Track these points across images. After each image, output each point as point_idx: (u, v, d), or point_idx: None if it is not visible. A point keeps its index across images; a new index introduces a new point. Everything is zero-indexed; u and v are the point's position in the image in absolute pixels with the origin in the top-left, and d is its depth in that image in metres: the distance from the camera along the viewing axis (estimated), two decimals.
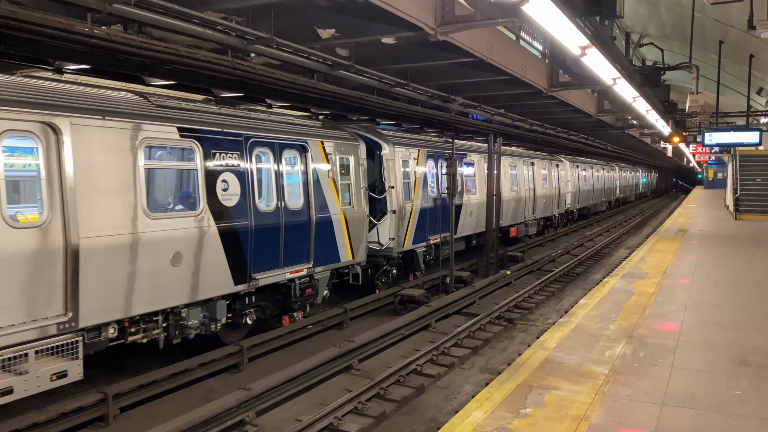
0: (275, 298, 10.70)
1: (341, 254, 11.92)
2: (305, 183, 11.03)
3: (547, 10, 6.73)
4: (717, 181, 55.95)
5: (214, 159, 9.06)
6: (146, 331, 8.21)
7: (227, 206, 9.20)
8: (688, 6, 19.06)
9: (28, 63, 8.00)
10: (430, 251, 16.04)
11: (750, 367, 7.24)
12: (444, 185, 15.89)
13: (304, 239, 10.90)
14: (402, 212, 14.24)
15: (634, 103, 15.38)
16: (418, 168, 15.22)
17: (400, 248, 14.40)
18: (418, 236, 15.18)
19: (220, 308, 9.16)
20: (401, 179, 14.35)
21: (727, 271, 13.87)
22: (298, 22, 8.54)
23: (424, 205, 15.38)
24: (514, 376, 6.87)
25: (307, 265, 10.92)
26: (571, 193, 31.06)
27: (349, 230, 12.01)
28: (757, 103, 32.20)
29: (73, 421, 7.25)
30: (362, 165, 12.77)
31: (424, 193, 15.47)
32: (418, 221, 15.01)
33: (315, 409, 7.81)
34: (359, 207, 12.53)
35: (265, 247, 9.89)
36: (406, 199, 14.53)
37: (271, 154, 10.29)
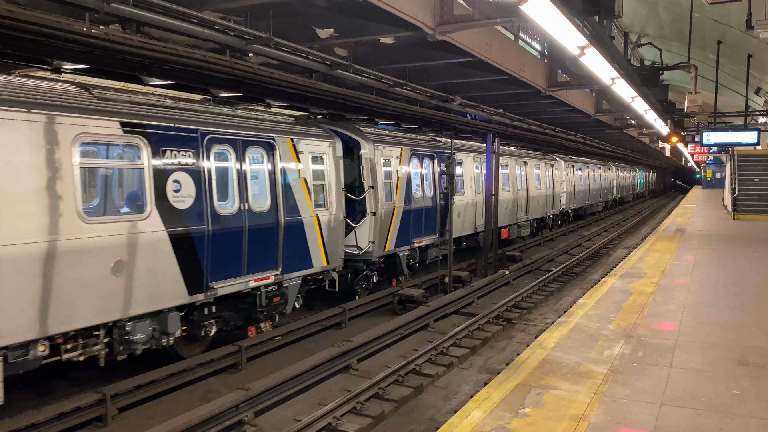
0: (240, 307, 10.01)
1: (314, 259, 11.17)
2: (273, 183, 10.22)
3: (546, 10, 6.73)
4: (715, 180, 56.06)
5: (165, 157, 8.27)
6: (85, 347, 7.45)
7: (179, 209, 8.43)
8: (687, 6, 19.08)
9: (25, 63, 7.98)
10: (415, 255, 15.36)
11: (749, 366, 7.24)
12: (429, 185, 15.72)
13: (272, 244, 10.13)
14: (383, 214, 13.49)
15: (633, 103, 15.40)
16: (401, 167, 14.48)
17: (381, 252, 13.65)
18: (401, 239, 14.40)
19: (172, 320, 8.43)
20: (382, 179, 13.59)
21: (726, 270, 13.88)
22: (297, 21, 8.54)
23: (408, 207, 14.63)
24: (512, 376, 6.86)
25: (274, 271, 10.15)
26: (566, 194, 30.34)
27: (323, 234, 11.30)
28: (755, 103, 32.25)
29: (71, 422, 7.24)
30: (338, 164, 11.98)
31: (408, 193, 14.70)
32: (401, 223, 14.28)
33: (313, 409, 7.80)
34: (334, 209, 11.74)
35: (224, 253, 9.12)
36: (387, 200, 13.78)
37: (233, 152, 9.51)
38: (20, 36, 5.85)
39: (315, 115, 13.86)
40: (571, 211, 32.19)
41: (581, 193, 34.02)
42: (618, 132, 24.93)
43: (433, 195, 16.01)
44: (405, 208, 14.49)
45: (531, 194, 24.30)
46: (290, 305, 10.78)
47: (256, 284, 9.81)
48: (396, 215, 14.07)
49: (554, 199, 28.03)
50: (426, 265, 16.39)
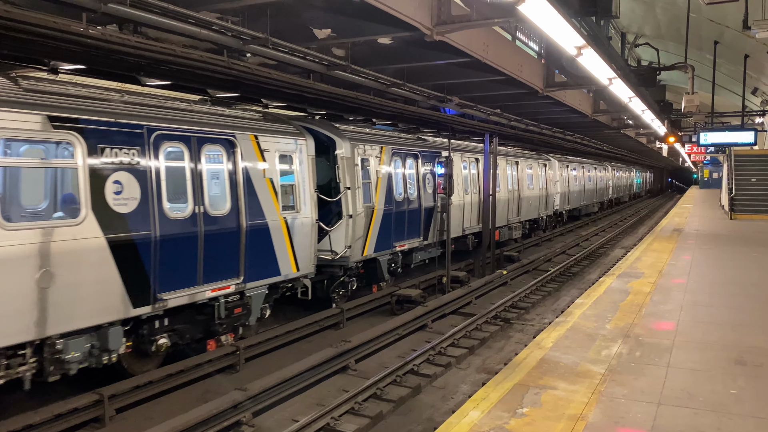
0: (197, 319, 9.21)
1: (282, 266, 10.39)
2: (233, 184, 9.47)
3: (543, 10, 6.74)
4: (712, 180, 56.18)
5: (104, 155, 7.48)
6: (8, 368, 6.71)
7: (121, 213, 7.65)
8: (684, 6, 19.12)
9: (23, 63, 7.96)
10: (397, 259, 14.61)
11: (746, 366, 7.26)
12: (413, 186, 15.16)
13: (232, 250, 9.34)
14: (360, 217, 12.77)
15: (630, 103, 15.42)
16: (381, 167, 13.71)
17: (359, 257, 12.90)
18: (381, 243, 13.64)
19: (113, 336, 7.63)
20: (360, 180, 12.87)
21: (723, 270, 13.91)
22: (294, 22, 8.53)
23: (389, 209, 13.87)
24: (510, 376, 6.87)
25: (235, 280, 9.38)
26: (560, 194, 29.54)
27: (292, 238, 10.52)
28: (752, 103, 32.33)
29: (68, 423, 7.22)
30: (310, 164, 11.21)
31: (389, 195, 13.93)
32: (381, 227, 13.52)
33: (312, 409, 7.80)
34: (306, 211, 10.98)
35: (176, 260, 8.38)
36: (365, 201, 13.04)
37: (186, 150, 8.71)
38: (17, 36, 5.84)
39: (313, 115, 13.85)
40: (565, 212, 31.58)
41: (576, 193, 33.37)
42: (615, 132, 24.96)
43: (416, 196, 15.33)
44: (386, 210, 13.76)
45: (523, 195, 23.66)
46: (254, 316, 9.99)
47: (213, 294, 9.04)
48: (375, 218, 13.37)
49: (548, 200, 27.33)
50: (411, 269, 15.90)
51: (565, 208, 31.23)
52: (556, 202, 29.03)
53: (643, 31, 26.27)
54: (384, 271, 14.03)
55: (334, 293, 12.68)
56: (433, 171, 16.26)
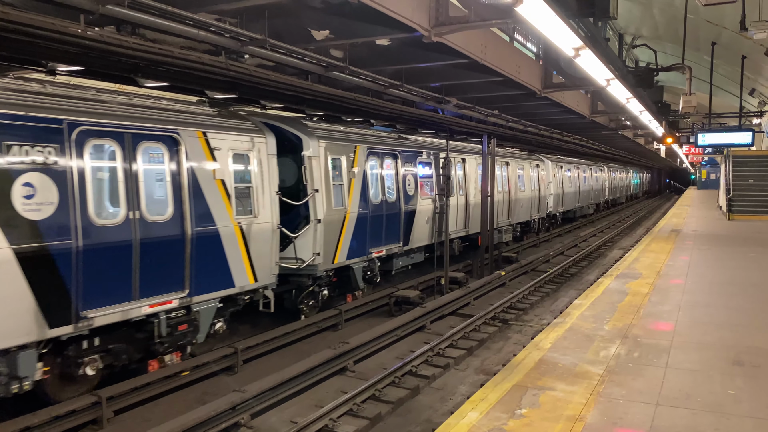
0: (136, 338, 8.34)
1: (236, 277, 9.46)
2: (177, 187, 8.54)
3: (541, 12, 6.75)
4: (710, 181, 56.27)
5: (9, 154, 6.59)
6: None
7: (33, 220, 6.73)
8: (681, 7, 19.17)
9: (20, 65, 7.95)
10: (373, 267, 13.58)
11: (744, 366, 7.27)
12: (391, 188, 14.24)
13: (175, 260, 8.43)
14: (330, 221, 11.81)
15: (628, 104, 15.45)
16: (355, 168, 12.73)
17: (330, 265, 11.97)
18: (355, 249, 12.67)
19: (25, 362, 6.73)
20: (330, 181, 11.92)
21: (721, 270, 13.93)
22: (292, 23, 8.53)
23: (364, 212, 12.90)
24: (509, 377, 6.87)
25: (179, 293, 8.46)
26: (553, 196, 28.48)
27: (248, 246, 9.64)
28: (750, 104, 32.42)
29: (66, 425, 7.21)
30: (270, 164, 10.28)
31: (364, 197, 12.96)
32: (355, 231, 12.57)
33: (310, 411, 7.79)
34: (265, 216, 10.08)
35: (104, 273, 7.46)
36: (337, 205, 12.08)
37: (119, 149, 7.79)
38: (15, 38, 5.83)
39: (311, 116, 13.83)
40: (559, 214, 30.53)
41: (570, 195, 32.28)
42: (613, 133, 25.01)
43: (396, 199, 14.32)
44: (360, 214, 12.77)
45: (513, 197, 22.57)
46: (203, 333, 9.05)
47: (152, 310, 8.10)
48: (348, 222, 12.37)
49: (540, 202, 26.28)
50: (391, 276, 15.18)
51: (560, 210, 30.34)
52: (550, 204, 28.13)
53: (641, 32, 26.33)
54: (358, 279, 13.07)
55: (302, 304, 11.73)
56: (414, 172, 15.35)
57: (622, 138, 28.09)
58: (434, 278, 15.31)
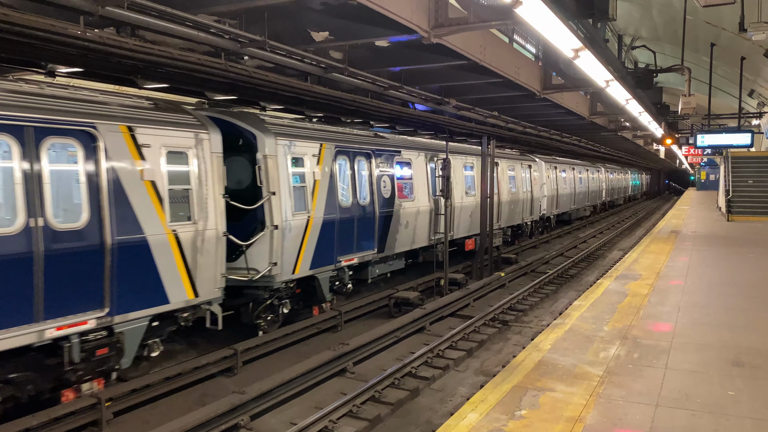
0: (46, 365, 7.27)
1: (171, 291, 8.33)
2: (94, 189, 7.45)
3: (540, 13, 6.76)
4: (709, 182, 56.33)
5: None
6: None
7: None
8: (680, 8, 19.20)
9: (20, 66, 7.96)
10: (343, 276, 12.41)
11: (743, 367, 7.27)
12: (364, 190, 13.13)
13: (91, 274, 7.37)
14: (290, 227, 10.71)
15: (627, 105, 15.48)
16: (320, 168, 11.59)
17: (289, 275, 10.82)
18: (321, 258, 11.52)
19: None
20: (290, 183, 10.80)
21: (720, 271, 13.93)
22: (292, 24, 8.55)
23: (331, 217, 11.77)
24: (508, 378, 6.87)
25: (97, 312, 7.40)
26: (547, 198, 27.27)
27: (186, 256, 8.54)
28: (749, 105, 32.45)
29: (66, 426, 7.20)
30: (214, 163, 9.18)
31: (331, 201, 11.83)
32: (320, 238, 11.45)
33: (310, 412, 7.79)
34: (207, 222, 8.95)
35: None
36: (298, 209, 10.94)
37: (17, 145, 6.72)
38: (14, 39, 5.84)
39: (310, 117, 13.85)
40: (553, 216, 29.27)
41: (565, 196, 31.07)
42: (612, 134, 25.04)
43: (370, 201, 13.17)
44: (326, 219, 11.65)
45: (503, 199, 21.33)
46: (129, 357, 7.98)
47: (61, 333, 7.02)
48: (312, 228, 11.25)
49: (533, 204, 25.08)
50: (368, 285, 14.28)
51: (554, 212, 29.16)
52: (543, 206, 26.93)
53: (640, 34, 26.36)
54: (325, 290, 11.87)
55: (260, 319, 10.63)
56: (391, 173, 14.20)
57: (622, 139, 28.13)
58: (434, 279, 15.30)
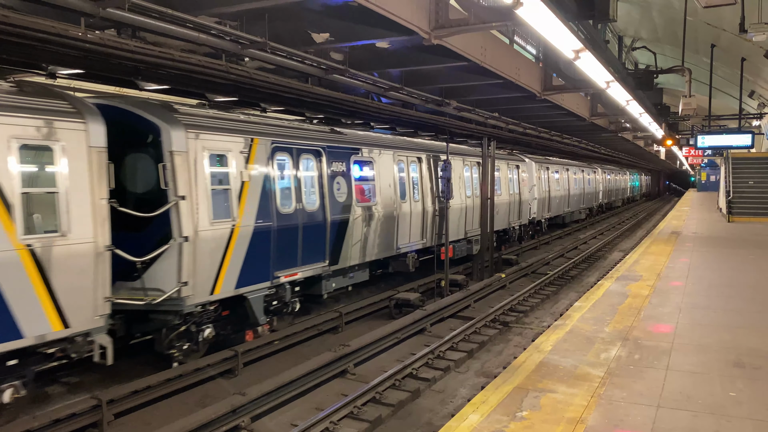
0: None
1: (26, 323, 6.76)
2: None
3: (541, 14, 6.77)
4: (709, 183, 56.34)
5: None
6: None
7: None
8: (680, 9, 19.21)
9: (21, 68, 7.97)
10: (283, 294, 10.61)
11: (744, 368, 7.26)
12: (312, 193, 11.47)
13: None
14: (207, 238, 8.94)
15: (628, 106, 15.48)
16: (250, 167, 9.83)
17: (206, 296, 9.04)
18: (252, 273, 9.81)
19: None
20: (207, 185, 9.04)
21: (721, 272, 13.92)
22: (292, 26, 8.56)
23: (265, 225, 10.01)
24: (509, 379, 6.86)
25: None
26: (537, 200, 25.55)
27: (48, 278, 6.93)
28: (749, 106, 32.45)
29: (66, 428, 7.19)
30: (94, 160, 7.53)
31: (266, 206, 10.08)
32: (250, 251, 9.70)
33: (310, 413, 7.78)
34: (81, 233, 7.31)
35: None
36: (219, 216, 9.19)
37: None
38: (15, 41, 5.85)
39: (311, 119, 13.85)
40: (544, 220, 27.52)
41: (558, 199, 29.29)
42: (613, 135, 25.06)
43: (319, 206, 11.44)
44: (259, 228, 9.91)
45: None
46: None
47: None
48: (238, 239, 9.50)
49: (521, 207, 23.35)
50: (322, 301, 12.54)
51: (545, 215, 27.31)
52: (533, 210, 25.22)
53: (640, 35, 26.39)
54: (257, 312, 10.08)
55: (173, 349, 8.94)
56: (348, 173, 12.39)
57: (622, 140, 28.15)
58: (434, 281, 15.29)
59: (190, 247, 8.68)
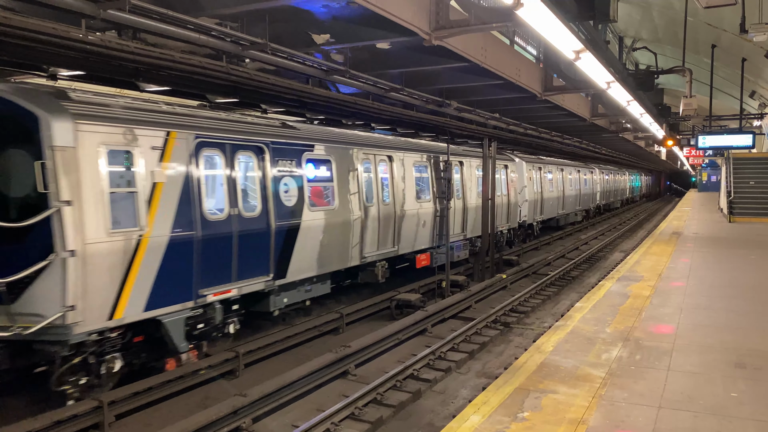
0: None
1: None
2: None
3: (541, 15, 6.77)
4: (710, 184, 56.34)
5: None
6: None
7: None
8: (681, 10, 19.23)
9: (22, 69, 7.98)
10: (213, 315, 8.99)
11: (746, 369, 7.26)
12: (251, 196, 9.91)
13: None
14: (102, 252, 7.40)
15: (628, 107, 15.49)
16: (165, 166, 8.24)
17: (102, 322, 7.51)
18: (166, 292, 8.20)
19: None
20: (105, 187, 7.52)
21: (722, 273, 13.92)
22: (293, 27, 8.56)
23: (186, 234, 8.38)
24: (510, 380, 6.86)
25: None
26: (528, 202, 24.02)
27: None
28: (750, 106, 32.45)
29: (67, 429, 7.19)
30: None
31: (187, 212, 8.45)
32: (164, 265, 8.11)
33: (311, 415, 7.78)
34: None
35: None
36: (119, 225, 7.65)
37: None
38: (16, 43, 5.86)
39: (311, 120, 13.84)
40: (536, 223, 26.09)
41: (552, 200, 27.82)
42: (614, 136, 25.06)
43: (261, 212, 9.80)
44: (177, 238, 8.28)
45: (469, 205, 17.72)
46: None
47: None
48: (147, 251, 7.93)
49: (509, 210, 21.77)
50: (271, 317, 10.95)
51: (537, 218, 25.79)
52: (523, 212, 23.67)
53: (641, 35, 26.40)
54: (176, 337, 8.46)
55: (66, 384, 7.50)
56: (299, 173, 10.72)
57: (623, 141, 28.15)
58: (435, 281, 15.29)
59: (78, 263, 7.12)
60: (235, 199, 9.38)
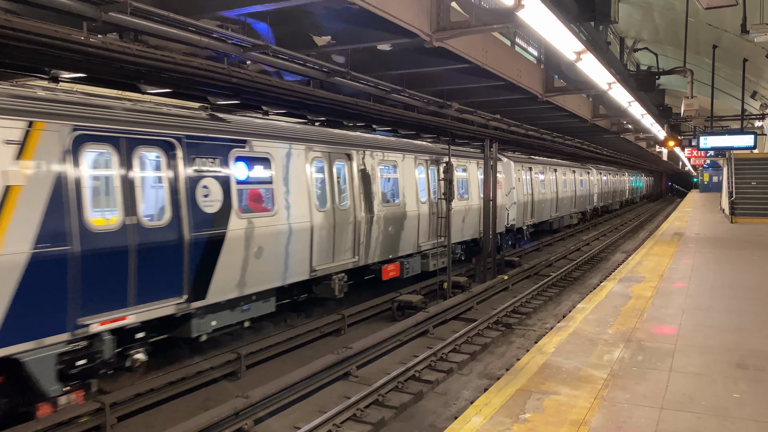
0: None
1: None
2: None
3: (542, 16, 6.78)
4: (712, 184, 56.28)
5: None
6: None
7: None
8: (682, 11, 19.23)
9: (23, 72, 7.99)
10: (100, 349, 7.42)
11: (748, 370, 7.25)
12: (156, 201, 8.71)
13: None
14: None
15: (630, 108, 15.49)
16: (25, 164, 6.64)
17: None
18: (29, 323, 6.63)
19: None
20: None
21: (724, 274, 13.90)
22: (294, 29, 8.57)
23: (55, 250, 6.81)
24: (512, 382, 6.86)
25: None
26: (517, 205, 22.23)
27: None
28: (751, 107, 32.41)
29: (70, 431, 7.21)
30: None
31: (58, 221, 6.87)
32: (22, 289, 6.52)
33: (313, 416, 7.78)
34: None
35: None
36: None
37: None
38: (18, 45, 5.87)
39: (312, 121, 13.86)
40: (526, 227, 24.29)
41: (544, 203, 26.30)
42: (615, 137, 25.03)
43: (171, 219, 8.26)
44: (42, 254, 6.69)
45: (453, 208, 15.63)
46: None
47: None
48: None
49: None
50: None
51: (527, 222, 24.12)
52: (512, 216, 21.91)
53: (642, 36, 26.39)
54: (44, 378, 6.88)
55: None
56: (225, 174, 9.15)
57: (624, 141, 28.12)
58: (437, 283, 15.29)
59: None
60: (133, 205, 7.76)
